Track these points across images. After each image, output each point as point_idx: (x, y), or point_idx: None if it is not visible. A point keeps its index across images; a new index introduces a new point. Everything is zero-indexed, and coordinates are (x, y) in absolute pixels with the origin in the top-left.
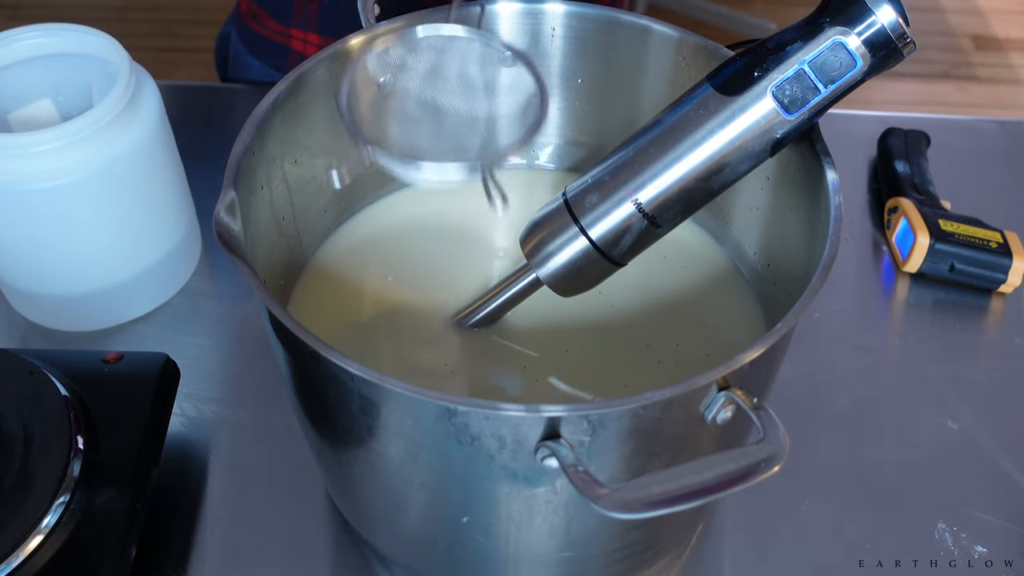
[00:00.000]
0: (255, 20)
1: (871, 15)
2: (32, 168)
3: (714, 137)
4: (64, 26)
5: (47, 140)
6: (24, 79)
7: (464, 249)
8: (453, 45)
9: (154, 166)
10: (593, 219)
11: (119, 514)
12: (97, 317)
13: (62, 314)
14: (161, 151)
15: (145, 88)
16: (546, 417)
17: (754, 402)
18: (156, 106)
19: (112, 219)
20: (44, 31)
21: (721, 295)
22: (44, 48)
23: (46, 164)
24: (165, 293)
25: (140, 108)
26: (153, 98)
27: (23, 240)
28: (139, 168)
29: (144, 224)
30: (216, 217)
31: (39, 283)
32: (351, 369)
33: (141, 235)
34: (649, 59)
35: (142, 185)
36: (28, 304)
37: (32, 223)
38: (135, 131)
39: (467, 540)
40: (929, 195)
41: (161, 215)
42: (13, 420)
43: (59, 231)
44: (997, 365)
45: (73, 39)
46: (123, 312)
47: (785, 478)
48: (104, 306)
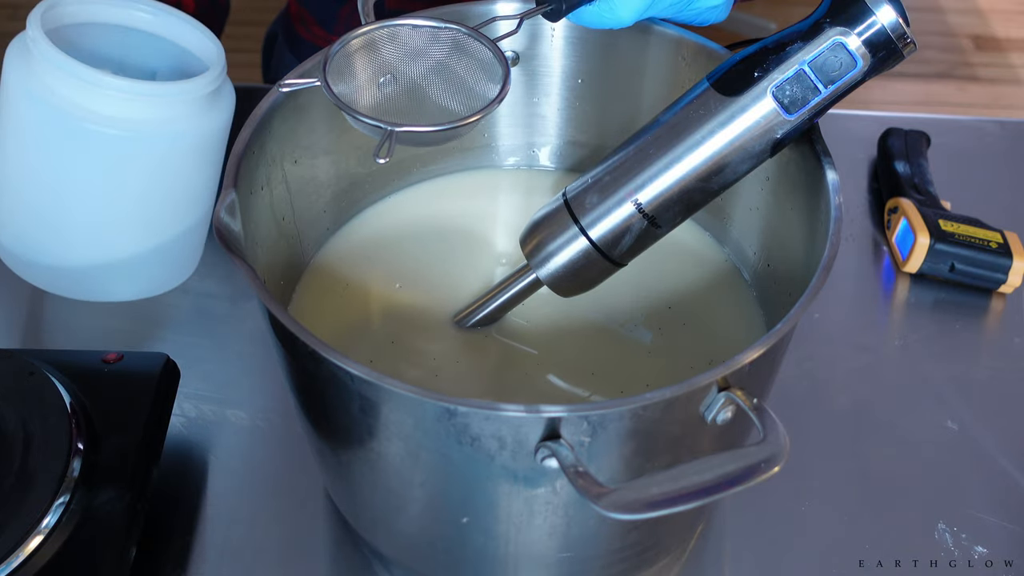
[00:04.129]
0: (302, 24)
1: (871, 15)
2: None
3: (714, 137)
4: (166, 8)
5: (141, 91)
6: (95, 43)
7: (464, 249)
8: (430, 33)
9: (214, 154)
10: (593, 219)
11: (119, 514)
12: (91, 289)
13: (55, 277)
14: (221, 144)
15: (226, 86)
16: (546, 417)
17: (754, 402)
18: (232, 101)
19: (160, 189)
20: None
21: (721, 295)
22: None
23: (127, 111)
24: (168, 283)
25: (223, 98)
26: (230, 94)
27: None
28: (206, 151)
29: (183, 201)
30: (216, 217)
31: (64, 246)
32: (351, 369)
33: (179, 210)
34: (649, 59)
35: (199, 168)
36: (42, 273)
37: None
38: (215, 116)
39: (467, 540)
40: (929, 195)
41: (193, 198)
42: (13, 420)
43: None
44: (997, 365)
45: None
46: (128, 290)
47: (785, 478)
48: (112, 278)
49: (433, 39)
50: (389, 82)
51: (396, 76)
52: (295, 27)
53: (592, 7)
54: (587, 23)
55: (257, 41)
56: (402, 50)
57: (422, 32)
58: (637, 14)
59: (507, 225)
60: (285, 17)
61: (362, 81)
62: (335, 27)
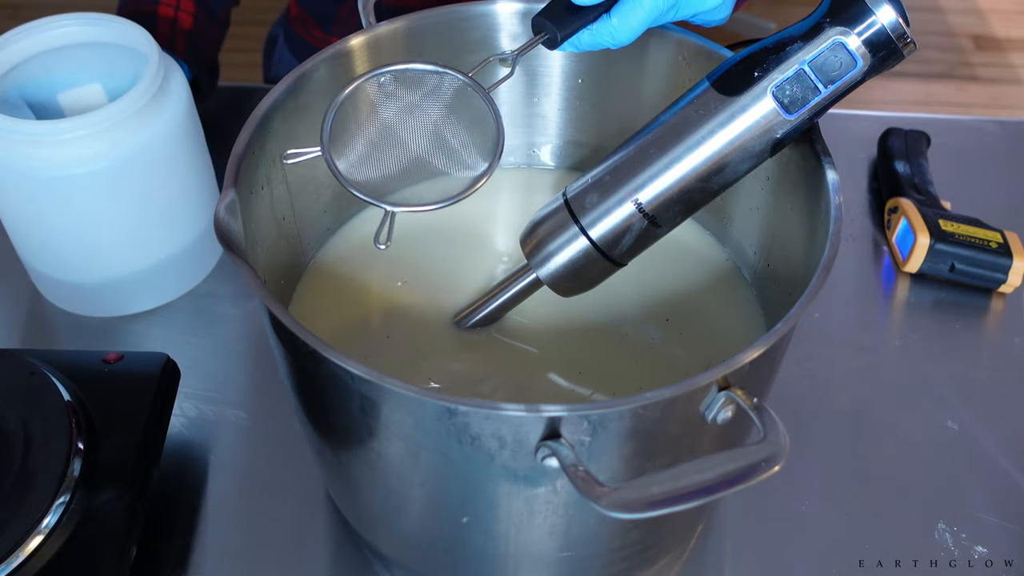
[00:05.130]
0: (303, 26)
1: (871, 15)
2: (56, 156)
3: (714, 137)
4: (99, 16)
5: (68, 129)
6: (76, 62)
7: (465, 249)
8: (424, 79)
9: (179, 158)
10: (593, 219)
11: (119, 514)
12: (115, 305)
13: (81, 300)
14: (187, 144)
15: (174, 79)
16: (546, 417)
17: (754, 402)
18: (184, 99)
19: (133, 209)
20: (80, 20)
21: (721, 295)
22: (81, 36)
23: (70, 152)
24: (185, 285)
25: (168, 99)
26: (181, 90)
27: (42, 226)
28: (164, 159)
29: (165, 215)
30: (216, 217)
31: (60, 268)
32: (351, 369)
33: (162, 225)
34: (649, 59)
35: (167, 176)
36: (51, 287)
37: (52, 210)
38: (161, 122)
39: (467, 540)
40: (929, 195)
41: (184, 207)
42: (13, 420)
43: (77, 219)
44: (997, 365)
45: (107, 28)
46: (143, 301)
47: (785, 478)
48: (122, 294)
49: (428, 86)
50: (386, 138)
51: (392, 132)
52: (296, 29)
53: (590, 33)
54: (587, 47)
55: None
56: (396, 103)
57: (416, 78)
58: (637, 35)
59: (507, 224)
60: (286, 19)
61: (358, 142)
62: (334, 28)
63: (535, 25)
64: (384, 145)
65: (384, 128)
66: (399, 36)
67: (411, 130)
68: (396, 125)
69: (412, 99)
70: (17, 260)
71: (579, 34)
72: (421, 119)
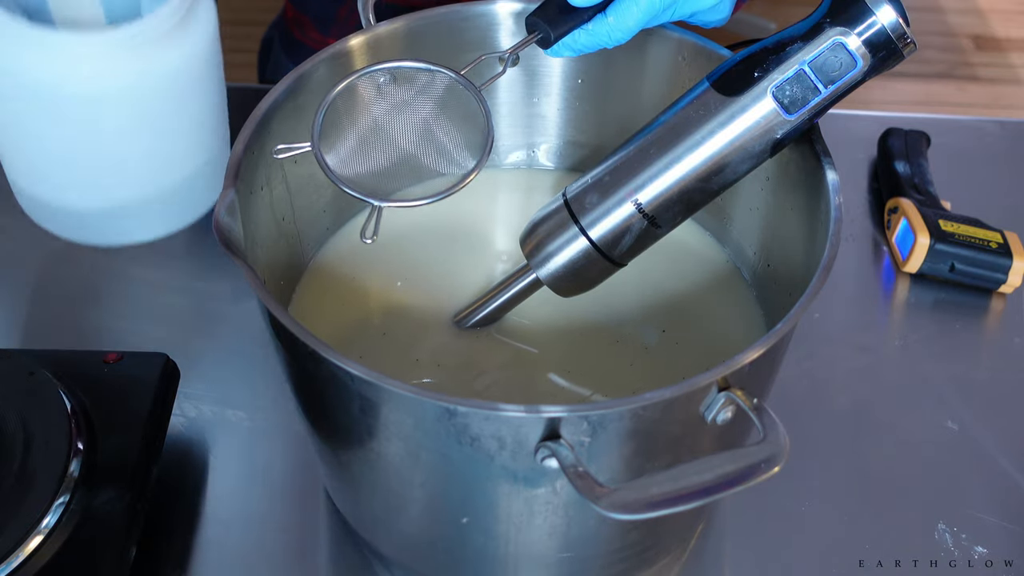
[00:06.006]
0: (299, 28)
1: (871, 15)
2: (71, 71)
3: (714, 137)
4: None
5: (92, 43)
6: None
7: (464, 249)
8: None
9: (199, 88)
10: (593, 219)
11: (119, 514)
12: (116, 232)
13: (79, 226)
14: (209, 74)
15: (201, 5)
16: (546, 418)
17: (754, 402)
18: (212, 26)
19: (144, 136)
20: None
21: (721, 295)
22: None
23: (86, 68)
24: (186, 218)
25: (194, 26)
26: (210, 16)
27: (50, 145)
28: (183, 88)
29: (178, 140)
30: (216, 217)
31: (60, 192)
32: (351, 369)
33: (173, 151)
34: (649, 59)
35: (183, 105)
36: (44, 212)
37: (61, 129)
38: (186, 49)
39: (467, 540)
40: (929, 195)
41: (194, 136)
42: (13, 420)
43: (87, 140)
44: (997, 365)
45: None
46: (143, 231)
47: (785, 478)
48: (123, 221)
49: (419, 84)
50: (377, 135)
51: (384, 130)
52: (292, 32)
53: (587, 33)
54: (583, 48)
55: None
56: (388, 100)
57: (408, 76)
58: (633, 33)
59: (507, 224)
60: (281, 22)
61: (349, 139)
62: (332, 28)
63: (529, 24)
64: (375, 142)
65: (375, 125)
66: (399, 36)
67: (402, 127)
68: (388, 122)
69: (404, 96)
70: (17, 258)
71: (576, 36)
72: (413, 117)
